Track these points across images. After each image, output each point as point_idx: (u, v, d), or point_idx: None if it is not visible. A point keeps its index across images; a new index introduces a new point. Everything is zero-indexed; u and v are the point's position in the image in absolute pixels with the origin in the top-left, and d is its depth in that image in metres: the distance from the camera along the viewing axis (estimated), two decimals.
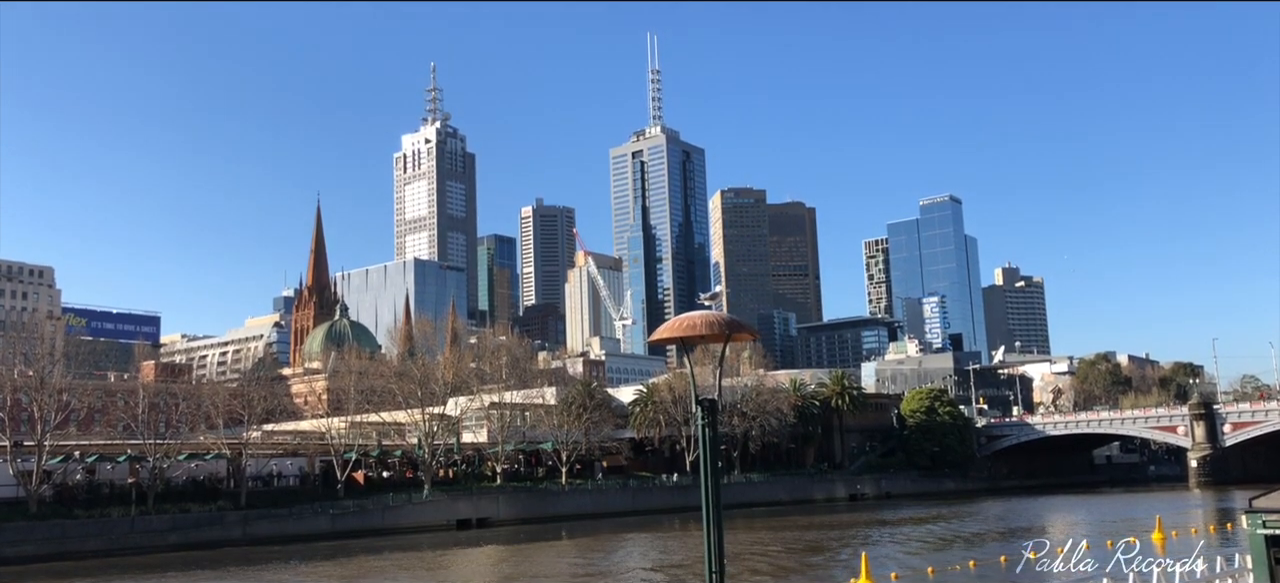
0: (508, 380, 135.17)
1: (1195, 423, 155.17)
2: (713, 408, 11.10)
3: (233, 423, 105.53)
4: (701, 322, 11.53)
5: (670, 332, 11.50)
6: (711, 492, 10.68)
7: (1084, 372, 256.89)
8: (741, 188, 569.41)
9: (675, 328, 11.51)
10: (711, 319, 11.57)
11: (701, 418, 10.93)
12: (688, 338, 11.47)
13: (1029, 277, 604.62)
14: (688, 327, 11.45)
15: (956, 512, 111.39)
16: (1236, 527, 68.01)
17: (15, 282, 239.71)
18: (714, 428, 11.11)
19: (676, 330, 11.45)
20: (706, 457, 10.93)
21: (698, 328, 11.39)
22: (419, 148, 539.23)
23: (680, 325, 11.56)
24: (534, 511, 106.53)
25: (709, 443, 11.00)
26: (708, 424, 11.01)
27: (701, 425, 11.03)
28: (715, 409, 11.22)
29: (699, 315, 11.74)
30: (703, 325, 11.42)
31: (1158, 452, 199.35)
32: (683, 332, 11.41)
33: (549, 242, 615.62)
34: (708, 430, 11.04)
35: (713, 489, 10.66)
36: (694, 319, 11.60)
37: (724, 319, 11.54)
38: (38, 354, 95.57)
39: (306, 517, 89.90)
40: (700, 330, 11.37)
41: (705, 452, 10.98)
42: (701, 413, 10.98)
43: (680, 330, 11.44)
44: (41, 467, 79.61)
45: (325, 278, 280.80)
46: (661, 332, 11.75)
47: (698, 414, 11.10)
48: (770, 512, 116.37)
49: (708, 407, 11.06)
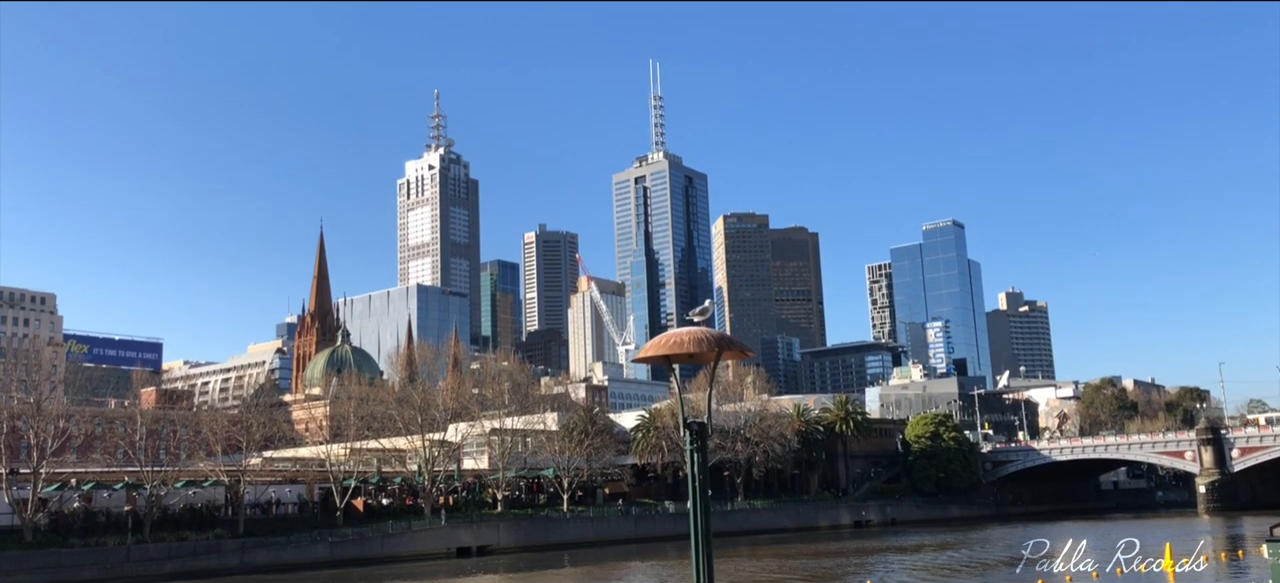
0: (509, 406, 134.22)
1: (1203, 448, 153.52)
2: (702, 432, 10.38)
3: (231, 450, 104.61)
4: (689, 339, 10.74)
5: (656, 349, 10.75)
6: (701, 520, 9.98)
7: (1089, 396, 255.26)
8: (744, 213, 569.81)
9: (662, 345, 10.76)
10: (700, 336, 10.78)
11: (690, 443, 10.19)
12: (675, 357, 10.73)
13: (1033, 301, 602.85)
14: (675, 344, 10.68)
15: (964, 538, 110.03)
16: (1248, 554, 66.91)
17: (17, 308, 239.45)
18: (704, 453, 10.40)
19: (663, 348, 10.69)
20: (696, 483, 10.22)
21: (686, 345, 10.61)
22: (422, 174, 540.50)
23: (667, 342, 10.81)
24: (535, 538, 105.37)
25: (698, 468, 10.30)
26: (697, 449, 10.29)
27: (691, 450, 10.30)
28: (705, 433, 10.50)
29: (687, 332, 10.94)
30: (691, 343, 10.65)
31: (1166, 477, 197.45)
32: (669, 349, 10.65)
33: (552, 267, 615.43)
34: (697, 455, 10.33)
35: (702, 517, 9.97)
36: (681, 336, 10.83)
37: (714, 336, 10.78)
38: (35, 381, 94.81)
39: (305, 545, 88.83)
40: (688, 348, 10.59)
41: (694, 478, 10.27)
42: (690, 437, 10.23)
43: (667, 348, 10.68)
44: (37, 495, 78.76)
45: (328, 304, 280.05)
46: (648, 349, 11.00)
47: (686, 438, 10.36)
48: (774, 539, 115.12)
49: (697, 431, 10.32)
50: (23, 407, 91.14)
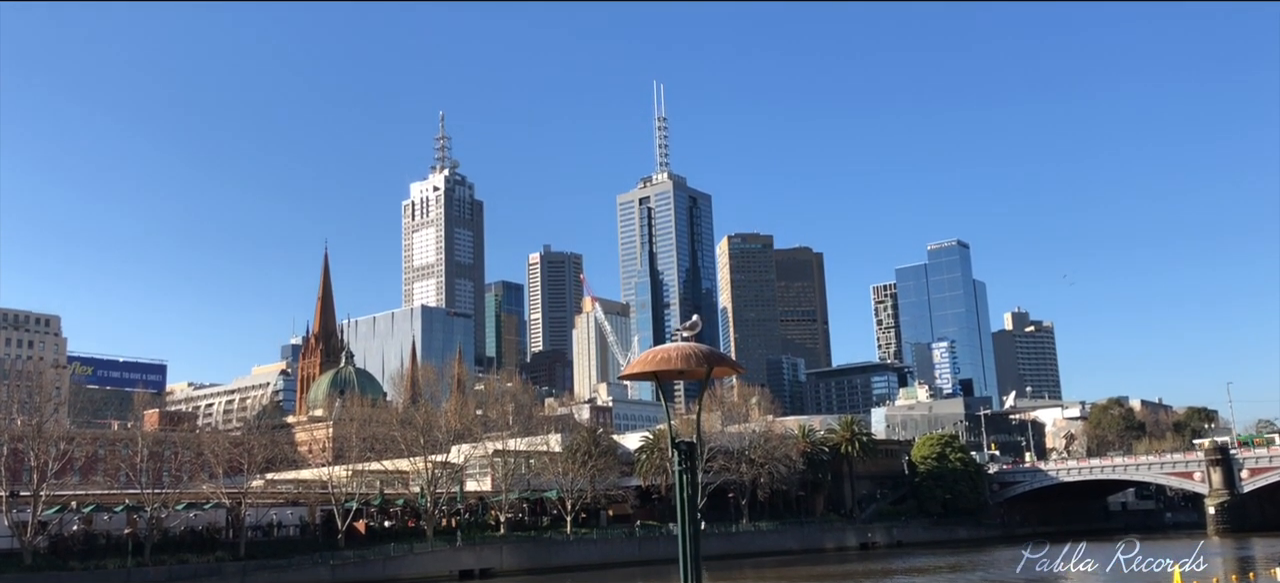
0: (513, 427, 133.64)
1: (1212, 469, 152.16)
2: (692, 452, 9.99)
3: (233, 472, 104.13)
4: (677, 355, 10.34)
5: (643, 366, 10.37)
6: (690, 543, 9.58)
7: (1096, 417, 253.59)
8: (748, 233, 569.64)
9: (648, 361, 10.37)
10: (688, 352, 10.38)
11: (678, 463, 9.79)
12: (663, 373, 10.33)
13: (1039, 321, 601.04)
14: (662, 360, 10.29)
15: (972, 560, 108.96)
16: (1259, 576, 66.03)
17: (22, 330, 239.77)
18: (693, 473, 10.00)
19: (650, 364, 10.31)
20: (684, 504, 9.82)
21: (673, 362, 10.21)
22: (427, 195, 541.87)
23: (654, 359, 10.41)
24: (538, 560, 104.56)
25: (687, 489, 9.89)
26: (685, 470, 9.88)
27: (679, 471, 9.89)
28: (694, 453, 10.10)
29: (674, 348, 10.54)
30: (679, 359, 10.25)
31: (1174, 498, 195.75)
32: (657, 366, 10.26)
33: (556, 288, 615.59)
34: (685, 476, 9.92)
35: (692, 539, 9.57)
36: (669, 352, 10.42)
37: (703, 352, 10.38)
38: (37, 403, 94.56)
39: (306, 567, 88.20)
40: (676, 364, 10.20)
41: (683, 498, 9.87)
42: (679, 457, 9.83)
43: (654, 364, 10.29)
44: (37, 517, 78.31)
45: (332, 325, 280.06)
46: (634, 366, 10.61)
47: (674, 459, 9.96)
48: (780, 561, 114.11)
49: (685, 450, 9.93)
50: (24, 429, 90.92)
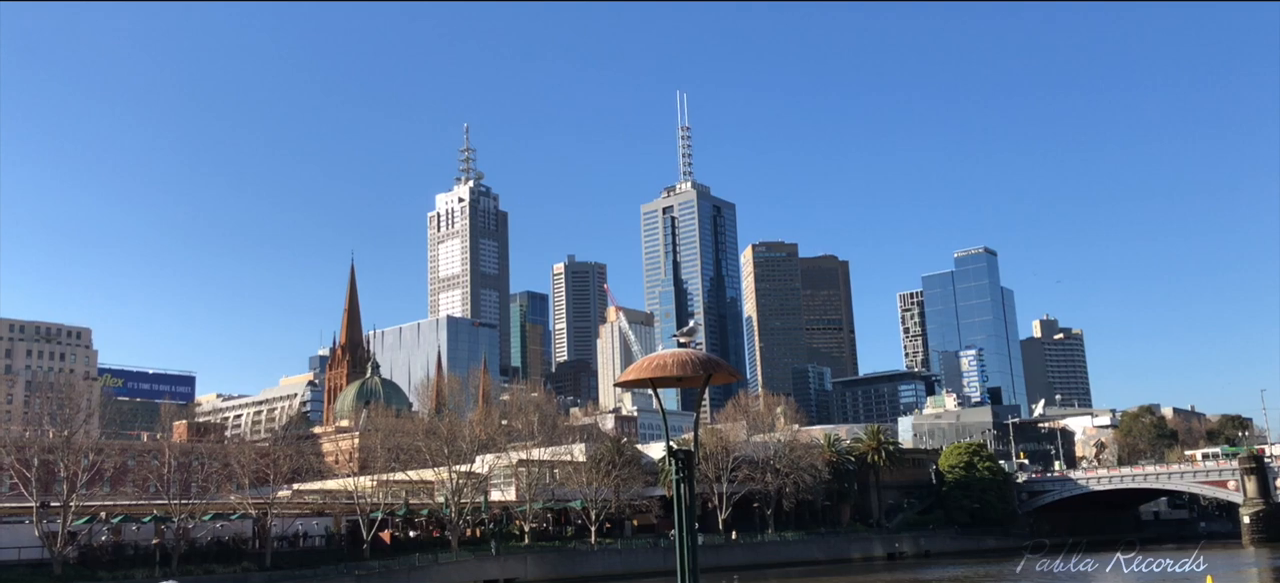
0: (537, 437, 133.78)
1: (1246, 477, 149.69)
2: (689, 459, 9.79)
3: (260, 483, 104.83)
4: (673, 361, 10.14)
5: (638, 373, 10.18)
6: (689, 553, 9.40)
7: (1127, 425, 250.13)
8: (773, 242, 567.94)
9: (644, 369, 10.18)
10: (684, 358, 10.19)
11: (675, 471, 9.60)
12: (659, 380, 10.15)
13: (1068, 328, 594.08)
14: (658, 367, 10.08)
15: (1001, 572, 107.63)
16: None
17: (53, 343, 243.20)
18: (690, 482, 9.80)
19: (645, 371, 10.11)
20: (681, 512, 9.63)
21: (669, 368, 9.99)
22: (453, 207, 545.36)
23: (649, 366, 10.23)
24: (562, 571, 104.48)
25: (684, 497, 9.70)
26: (682, 478, 9.68)
27: (676, 479, 9.70)
28: (691, 461, 9.90)
29: (671, 354, 10.36)
30: (675, 365, 10.03)
31: (1208, 507, 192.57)
32: (652, 373, 10.06)
33: (581, 298, 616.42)
34: (683, 484, 9.72)
35: (690, 550, 9.38)
36: (665, 359, 10.23)
37: (701, 358, 10.20)
38: (67, 414, 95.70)
39: (331, 578, 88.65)
40: (672, 371, 9.98)
41: (680, 507, 9.68)
42: (675, 465, 9.64)
43: (649, 371, 10.10)
44: (67, 528, 79.14)
45: (358, 336, 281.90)
46: (629, 373, 10.42)
47: (671, 466, 9.76)
48: (806, 571, 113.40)
49: (682, 458, 9.74)
50: (55, 440, 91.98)
